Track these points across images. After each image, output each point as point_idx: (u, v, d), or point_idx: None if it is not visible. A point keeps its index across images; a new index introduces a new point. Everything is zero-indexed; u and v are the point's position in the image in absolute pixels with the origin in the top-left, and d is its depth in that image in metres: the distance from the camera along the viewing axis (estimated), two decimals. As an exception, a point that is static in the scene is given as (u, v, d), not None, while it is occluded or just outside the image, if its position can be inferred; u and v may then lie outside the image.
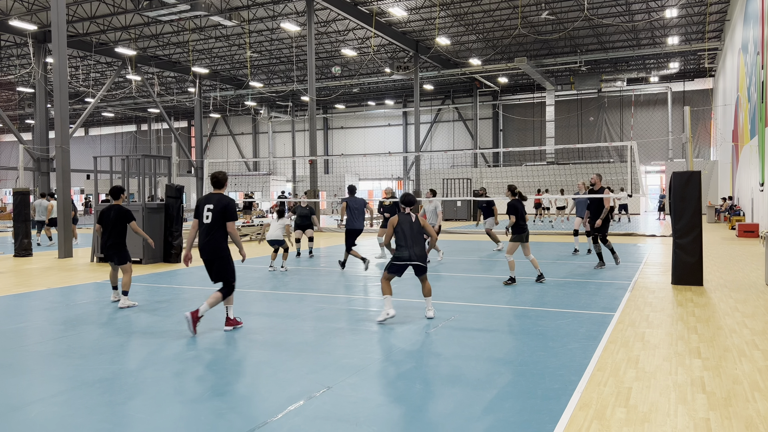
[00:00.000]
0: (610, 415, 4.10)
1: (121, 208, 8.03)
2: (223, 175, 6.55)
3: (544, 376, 4.92)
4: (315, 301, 8.51)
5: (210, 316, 7.37)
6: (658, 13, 29.30)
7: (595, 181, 11.91)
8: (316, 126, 37.85)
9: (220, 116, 57.25)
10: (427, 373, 5.04)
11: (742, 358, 5.46)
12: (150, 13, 25.32)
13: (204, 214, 6.33)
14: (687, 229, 9.42)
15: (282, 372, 5.11)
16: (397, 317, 7.26)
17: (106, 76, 41.47)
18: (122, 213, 7.98)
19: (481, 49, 36.37)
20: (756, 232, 18.44)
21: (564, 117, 45.15)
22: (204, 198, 6.44)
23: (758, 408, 4.22)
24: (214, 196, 6.42)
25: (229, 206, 6.36)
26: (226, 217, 6.33)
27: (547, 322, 6.88)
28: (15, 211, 15.60)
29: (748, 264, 12.07)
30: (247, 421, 4.01)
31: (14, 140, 58.92)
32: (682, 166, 34.95)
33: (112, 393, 4.61)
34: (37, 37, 29.94)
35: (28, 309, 8.05)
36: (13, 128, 28.01)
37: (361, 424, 3.95)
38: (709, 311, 7.50)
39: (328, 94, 47.63)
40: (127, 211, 8.06)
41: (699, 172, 9.48)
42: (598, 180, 11.90)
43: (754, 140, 19.28)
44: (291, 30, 29.14)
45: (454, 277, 10.77)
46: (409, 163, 49.08)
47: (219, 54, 37.57)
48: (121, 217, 7.99)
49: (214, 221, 6.30)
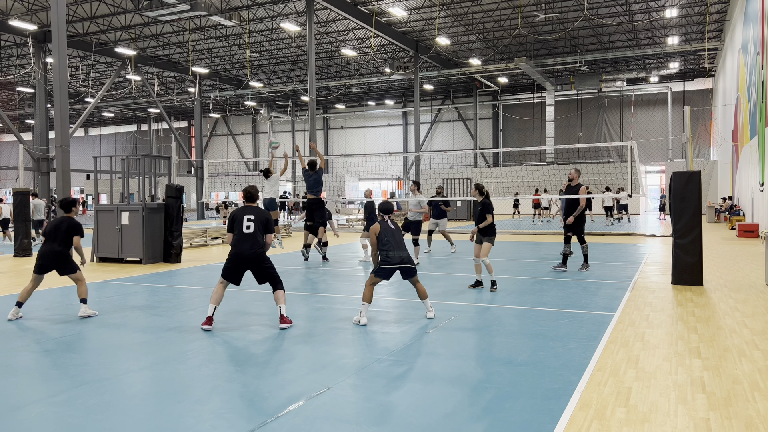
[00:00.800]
0: (610, 415, 4.10)
1: (72, 221, 7.85)
2: (255, 190, 7.26)
3: (544, 376, 4.92)
4: (315, 301, 8.51)
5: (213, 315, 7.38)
6: (658, 13, 29.31)
7: (573, 176, 11.32)
8: (316, 126, 37.86)
9: (220, 116, 57.27)
10: (427, 373, 5.04)
11: (742, 358, 5.46)
12: (150, 13, 25.32)
13: (245, 224, 6.98)
14: (687, 229, 9.42)
15: (282, 372, 5.11)
16: (397, 317, 7.26)
17: (106, 76, 41.48)
18: (74, 226, 7.81)
19: (481, 49, 36.37)
20: (756, 232, 18.44)
21: (564, 117, 45.16)
22: (240, 210, 7.10)
23: (758, 408, 4.22)
24: (253, 209, 7.14)
25: (269, 220, 7.17)
26: (267, 230, 7.06)
27: (547, 322, 6.88)
28: (15, 211, 15.60)
29: (748, 264, 12.07)
30: (247, 421, 4.01)
31: (14, 140, 58.92)
32: (682, 166, 34.94)
33: (112, 393, 4.61)
34: (37, 37, 29.94)
35: (28, 309, 8.04)
36: (13, 128, 28.01)
37: (361, 424, 3.95)
38: (709, 311, 7.51)
39: (328, 94, 47.63)
40: (78, 225, 7.91)
41: (699, 172, 9.48)
42: (576, 175, 11.32)
43: (754, 140, 19.28)
44: (291, 30, 29.15)
45: (454, 276, 10.77)
46: (409, 163, 49.09)
47: (219, 54, 37.57)
48: (72, 230, 7.80)
49: (255, 231, 6.98)
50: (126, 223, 13.35)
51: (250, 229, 6.91)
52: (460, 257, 14.01)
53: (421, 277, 10.66)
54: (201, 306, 8.14)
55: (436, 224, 14.88)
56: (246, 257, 6.88)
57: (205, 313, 7.18)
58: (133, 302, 8.54)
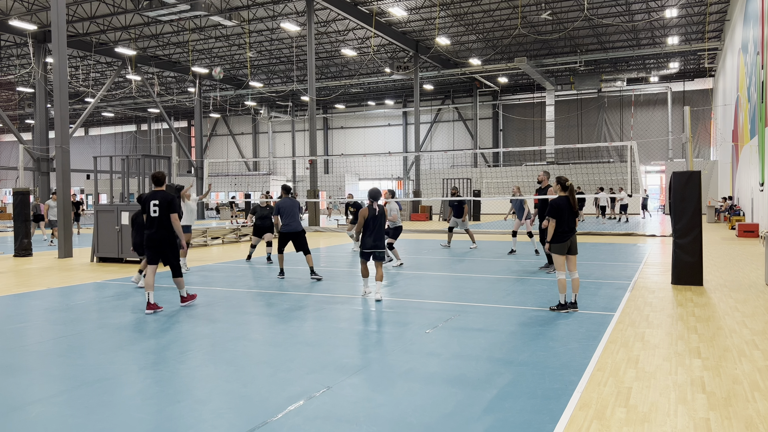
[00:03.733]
0: (610, 415, 4.10)
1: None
2: (162, 174, 7.90)
3: (544, 376, 4.92)
4: (315, 301, 8.51)
5: (211, 313, 7.37)
6: (658, 13, 29.30)
7: (542, 179, 11.41)
8: (316, 126, 37.85)
9: (220, 116, 57.26)
10: (426, 373, 5.04)
11: (742, 358, 5.46)
12: (150, 13, 25.31)
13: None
14: (687, 229, 9.41)
15: (282, 372, 5.11)
16: (396, 317, 7.27)
17: (106, 76, 41.47)
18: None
19: (481, 49, 36.37)
20: (756, 232, 18.44)
21: (564, 117, 45.16)
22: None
23: (758, 408, 4.22)
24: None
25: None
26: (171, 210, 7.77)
27: (547, 322, 6.88)
28: (15, 211, 15.59)
29: (748, 264, 12.07)
30: (247, 421, 4.01)
31: (14, 140, 58.93)
32: (682, 166, 34.95)
33: (112, 393, 4.61)
34: (37, 37, 29.94)
35: (28, 309, 8.05)
36: (13, 128, 28.01)
37: (361, 424, 3.95)
38: (709, 311, 7.50)
39: (328, 94, 47.63)
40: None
41: (699, 172, 9.47)
42: (545, 178, 11.40)
43: (754, 140, 19.28)
44: (291, 30, 29.14)
45: (453, 276, 10.77)
46: (409, 163, 49.09)
47: (219, 54, 37.57)
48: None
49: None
50: (126, 223, 13.35)
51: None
52: (460, 256, 14.00)
53: (425, 275, 10.67)
54: (201, 306, 8.13)
55: (456, 222, 15.51)
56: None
57: (205, 312, 7.18)
58: (133, 302, 8.53)
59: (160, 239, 7.62)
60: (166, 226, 7.64)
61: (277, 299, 8.66)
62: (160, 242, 7.62)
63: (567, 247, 7.37)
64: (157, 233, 7.63)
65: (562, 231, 7.34)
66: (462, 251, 15.17)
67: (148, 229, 7.67)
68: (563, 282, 7.37)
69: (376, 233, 8.36)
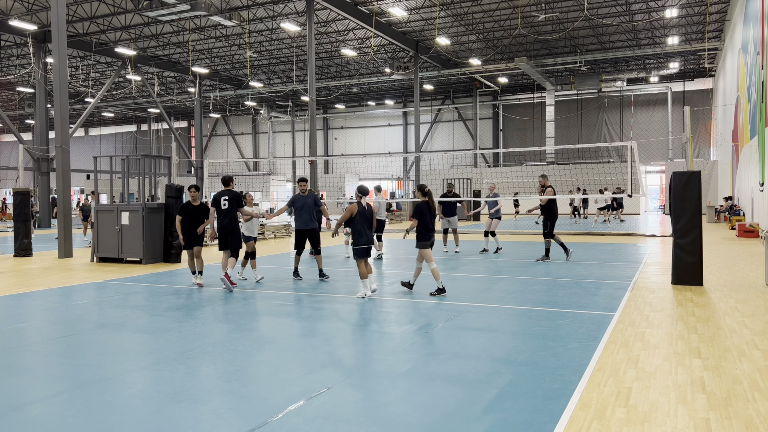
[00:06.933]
0: (610, 415, 4.10)
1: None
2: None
3: (544, 376, 4.92)
4: (314, 301, 8.51)
5: (211, 313, 7.38)
6: (658, 13, 29.31)
7: (544, 183, 12.91)
8: (316, 126, 37.86)
9: (220, 116, 57.25)
10: (426, 373, 5.04)
11: (742, 358, 5.46)
12: (150, 13, 25.31)
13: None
14: (687, 229, 9.42)
15: (282, 372, 5.11)
16: (396, 318, 7.27)
17: (106, 76, 41.47)
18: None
19: (481, 49, 36.37)
20: (756, 232, 18.44)
21: (564, 117, 45.16)
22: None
23: (758, 408, 4.22)
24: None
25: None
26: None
27: (547, 322, 6.88)
28: (15, 211, 15.59)
29: (748, 264, 12.07)
30: (247, 421, 4.01)
31: (14, 140, 58.92)
32: (682, 166, 34.94)
33: (112, 393, 4.61)
34: (37, 37, 29.93)
35: (28, 309, 8.05)
36: (13, 128, 28.01)
37: (361, 424, 3.95)
38: (709, 311, 7.50)
39: (328, 94, 47.62)
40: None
41: (699, 172, 9.47)
42: (545, 181, 12.92)
43: (754, 140, 19.28)
44: (291, 30, 29.14)
45: (453, 277, 10.77)
46: (409, 163, 49.10)
47: (219, 54, 37.57)
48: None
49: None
50: (126, 223, 13.35)
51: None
52: (460, 256, 14.00)
53: (424, 275, 10.65)
54: (201, 306, 8.14)
55: (448, 222, 15.06)
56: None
57: (206, 312, 7.18)
58: (133, 302, 8.54)
59: (228, 226, 9.62)
60: (233, 216, 9.68)
61: (278, 299, 8.67)
62: (229, 228, 9.61)
63: (432, 243, 8.82)
64: (227, 221, 9.64)
65: (427, 230, 8.75)
66: (462, 251, 15.15)
67: (221, 220, 9.62)
68: (436, 270, 8.71)
69: (368, 230, 8.69)
